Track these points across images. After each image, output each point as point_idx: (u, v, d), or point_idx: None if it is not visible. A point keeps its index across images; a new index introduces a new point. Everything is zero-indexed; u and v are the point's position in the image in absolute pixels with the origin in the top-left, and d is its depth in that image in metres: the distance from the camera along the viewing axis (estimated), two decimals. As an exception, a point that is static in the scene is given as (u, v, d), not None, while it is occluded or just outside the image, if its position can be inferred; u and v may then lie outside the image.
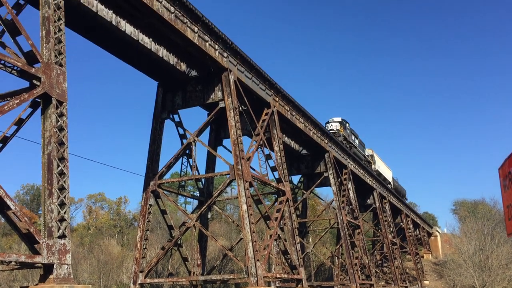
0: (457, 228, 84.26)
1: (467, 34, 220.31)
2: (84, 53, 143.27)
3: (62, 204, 12.93)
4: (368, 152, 53.69)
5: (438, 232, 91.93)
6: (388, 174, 61.32)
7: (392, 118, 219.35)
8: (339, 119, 43.91)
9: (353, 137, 46.66)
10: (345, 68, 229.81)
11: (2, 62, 12.51)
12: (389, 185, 58.30)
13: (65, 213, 12.90)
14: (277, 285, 33.01)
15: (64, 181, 13.06)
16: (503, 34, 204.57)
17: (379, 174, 55.08)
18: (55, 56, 13.66)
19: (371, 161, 53.47)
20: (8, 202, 11.76)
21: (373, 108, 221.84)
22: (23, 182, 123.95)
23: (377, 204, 48.99)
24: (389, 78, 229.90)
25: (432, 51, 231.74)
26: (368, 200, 50.13)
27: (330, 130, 40.88)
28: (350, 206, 39.38)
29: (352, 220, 38.53)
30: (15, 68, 12.77)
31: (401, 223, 63.01)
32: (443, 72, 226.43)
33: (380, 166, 57.49)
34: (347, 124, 45.23)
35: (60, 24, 14.01)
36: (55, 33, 13.77)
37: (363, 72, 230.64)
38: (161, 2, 18.65)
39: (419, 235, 78.80)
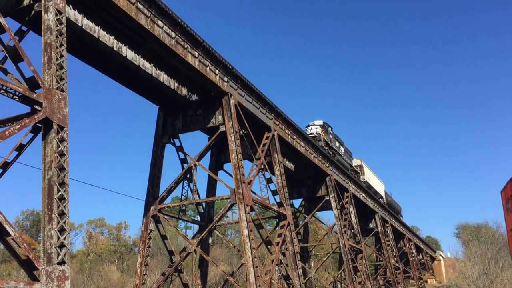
0: (461, 252, 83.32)
1: (468, 36, 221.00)
2: (84, 77, 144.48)
3: (61, 230, 12.81)
4: (356, 162, 49.45)
5: (442, 256, 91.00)
6: (379, 187, 56.72)
7: (395, 142, 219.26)
8: (321, 122, 40.01)
9: (337, 144, 42.53)
10: (338, 78, 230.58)
11: (4, 88, 12.57)
12: (381, 199, 54.36)
13: (64, 239, 12.77)
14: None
15: (64, 206, 12.97)
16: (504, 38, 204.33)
17: (369, 186, 50.94)
18: (57, 81, 13.72)
19: (360, 172, 49.21)
20: (8, 228, 11.65)
21: (372, 129, 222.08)
22: (23, 208, 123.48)
23: (379, 228, 48.61)
24: (385, 95, 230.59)
25: (434, 56, 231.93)
26: (370, 224, 49.76)
27: (310, 134, 37.44)
28: (352, 230, 39.05)
29: (354, 245, 38.16)
30: (17, 93, 12.82)
31: (404, 248, 62.41)
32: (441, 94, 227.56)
33: (370, 177, 52.72)
34: (330, 129, 41.24)
35: (62, 50, 14.12)
36: (57, 59, 13.87)
37: (357, 84, 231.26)
38: (162, 28, 18.86)
39: (422, 260, 78.01)
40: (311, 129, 38.80)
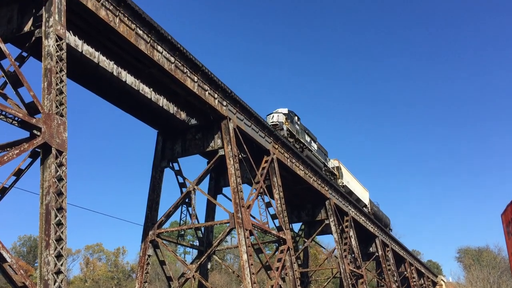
0: (462, 276, 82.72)
1: (474, 35, 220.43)
2: (83, 101, 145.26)
3: (59, 256, 12.67)
4: (333, 163, 42.76)
5: (443, 281, 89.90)
6: (363, 194, 49.98)
7: (394, 167, 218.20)
8: (285, 110, 33.84)
9: (307, 138, 36.17)
10: (325, 79, 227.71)
11: (4, 113, 12.59)
12: (364, 208, 49.01)
13: (61, 265, 12.62)
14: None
15: (62, 232, 12.85)
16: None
17: (350, 192, 44.35)
18: (56, 106, 13.76)
19: (337, 174, 42.34)
20: (4, 255, 11.52)
21: (373, 157, 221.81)
22: (20, 233, 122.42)
23: (380, 252, 48.14)
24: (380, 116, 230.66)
25: (435, 55, 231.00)
26: (371, 248, 49.26)
27: (271, 122, 31.73)
28: (353, 255, 38.69)
29: (355, 269, 37.75)
30: (16, 119, 12.84)
31: (405, 272, 61.72)
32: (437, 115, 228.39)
33: (350, 181, 45.87)
34: (296, 118, 35.06)
35: (62, 75, 14.20)
36: (56, 84, 13.93)
37: (348, 84, 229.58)
38: (161, 53, 19.03)
39: (424, 284, 77.06)
40: (273, 117, 32.84)
